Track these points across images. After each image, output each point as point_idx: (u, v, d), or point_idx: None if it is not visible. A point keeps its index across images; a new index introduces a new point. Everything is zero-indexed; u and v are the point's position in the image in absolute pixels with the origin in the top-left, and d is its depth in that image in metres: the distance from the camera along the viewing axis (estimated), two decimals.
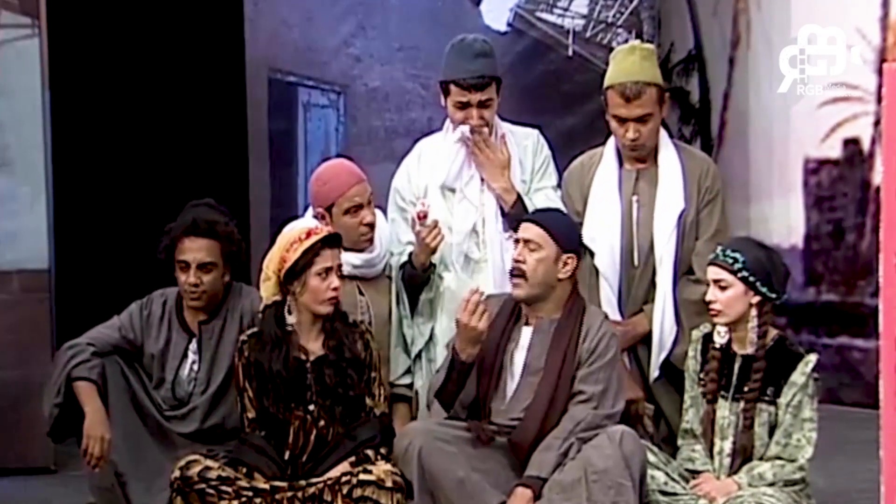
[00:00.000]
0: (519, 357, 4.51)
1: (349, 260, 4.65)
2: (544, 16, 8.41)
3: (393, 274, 4.81)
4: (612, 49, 5.17)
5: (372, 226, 4.68)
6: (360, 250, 4.70)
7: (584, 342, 4.46)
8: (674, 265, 4.67)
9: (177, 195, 4.86)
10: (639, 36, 8.41)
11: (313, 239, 4.38)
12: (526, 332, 4.53)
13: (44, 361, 5.45)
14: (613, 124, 4.68)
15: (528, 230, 4.47)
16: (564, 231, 4.51)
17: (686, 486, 4.38)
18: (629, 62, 4.66)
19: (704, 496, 4.33)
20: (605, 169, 4.79)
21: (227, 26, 7.54)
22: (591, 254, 4.72)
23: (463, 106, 4.73)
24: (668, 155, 4.76)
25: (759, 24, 8.14)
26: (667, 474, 4.39)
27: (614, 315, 4.68)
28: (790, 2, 7.82)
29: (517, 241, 4.51)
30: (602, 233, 4.72)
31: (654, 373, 4.70)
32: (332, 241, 4.41)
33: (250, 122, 7.66)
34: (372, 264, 4.74)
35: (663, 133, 4.80)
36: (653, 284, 4.70)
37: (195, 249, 4.60)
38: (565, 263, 4.48)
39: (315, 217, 4.69)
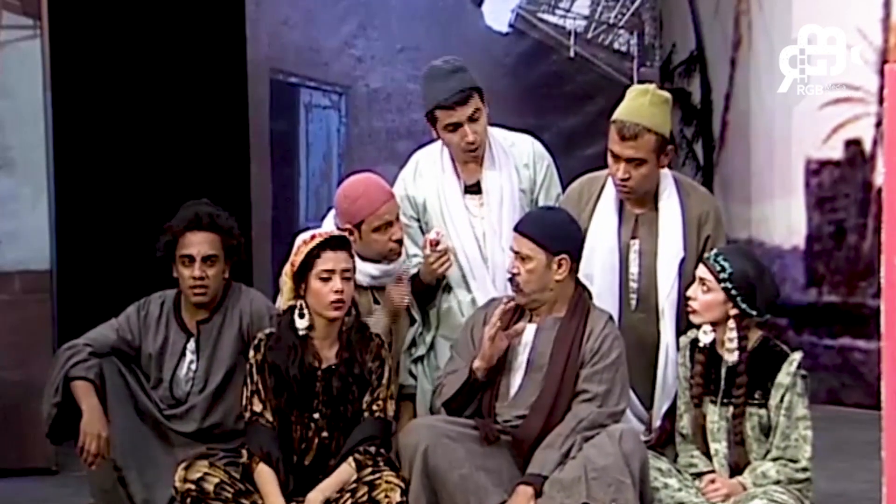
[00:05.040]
0: (522, 354, 4.53)
1: (368, 270, 4.66)
2: (546, 17, 8.39)
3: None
4: (614, 50, 5.16)
5: (401, 242, 4.67)
6: (378, 260, 4.70)
7: (587, 342, 4.48)
8: (676, 314, 4.65)
9: (178, 196, 4.86)
10: (640, 37, 8.41)
11: (316, 241, 4.37)
12: (529, 329, 4.54)
13: (45, 362, 5.43)
14: (609, 159, 4.64)
15: (517, 242, 4.48)
16: (553, 235, 4.49)
17: (696, 490, 4.40)
18: (637, 103, 4.60)
19: (722, 498, 4.35)
20: (604, 207, 4.74)
21: (229, 27, 7.54)
22: (590, 294, 4.70)
23: (454, 127, 4.71)
24: (669, 200, 4.70)
25: (760, 25, 8.14)
26: (679, 481, 4.41)
27: None
28: (791, 3, 7.82)
29: (513, 251, 4.51)
30: (600, 274, 4.69)
31: (657, 422, 4.69)
32: (336, 244, 4.38)
33: (252, 123, 7.65)
34: (389, 274, 4.73)
35: (666, 174, 4.73)
36: (657, 332, 4.67)
37: (198, 243, 4.60)
38: (559, 265, 4.48)
39: (339, 230, 4.67)
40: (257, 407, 4.37)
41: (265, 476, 4.32)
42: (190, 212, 4.65)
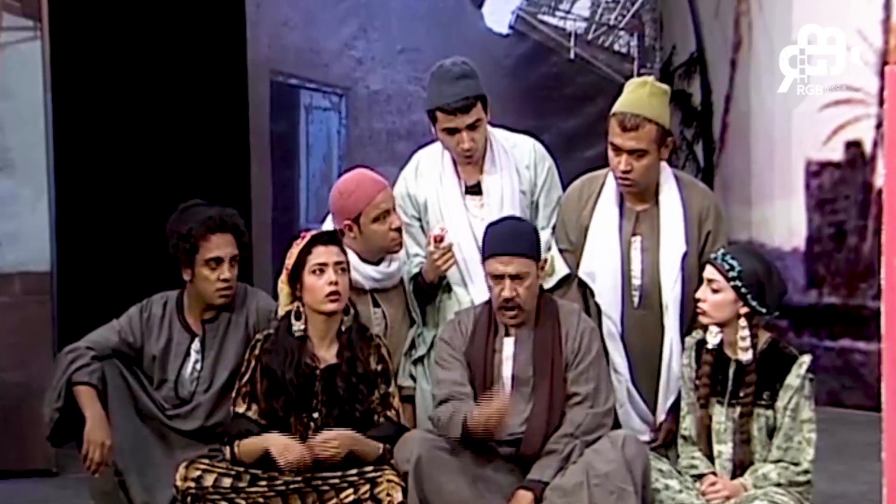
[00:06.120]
0: (506, 368, 4.51)
1: (369, 274, 4.66)
2: (546, 18, 8.39)
3: (405, 283, 4.81)
4: (614, 52, 5.16)
5: (400, 230, 4.67)
6: (378, 262, 4.69)
7: (566, 343, 4.48)
8: (680, 309, 4.65)
9: (179, 197, 4.85)
10: (640, 38, 8.42)
11: (306, 239, 4.42)
12: (508, 343, 4.53)
13: (45, 364, 5.45)
14: (610, 153, 4.64)
15: (512, 264, 4.42)
16: (532, 242, 4.50)
17: (696, 492, 4.39)
18: (637, 94, 4.62)
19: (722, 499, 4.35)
20: (605, 204, 4.74)
21: (229, 28, 7.54)
22: (592, 292, 4.70)
23: (452, 132, 4.72)
24: (669, 195, 4.71)
25: (760, 27, 8.14)
26: (680, 482, 4.41)
27: (620, 359, 4.66)
28: (792, 4, 7.82)
29: (497, 276, 4.44)
30: (602, 272, 4.69)
31: (661, 416, 4.68)
32: (327, 239, 4.43)
33: (252, 125, 7.65)
34: (390, 276, 4.73)
35: (666, 170, 4.74)
36: (661, 328, 4.67)
37: (225, 244, 4.60)
38: (542, 269, 4.52)
39: (340, 230, 4.66)
40: (240, 408, 4.40)
41: (250, 444, 4.32)
42: (208, 213, 4.62)
